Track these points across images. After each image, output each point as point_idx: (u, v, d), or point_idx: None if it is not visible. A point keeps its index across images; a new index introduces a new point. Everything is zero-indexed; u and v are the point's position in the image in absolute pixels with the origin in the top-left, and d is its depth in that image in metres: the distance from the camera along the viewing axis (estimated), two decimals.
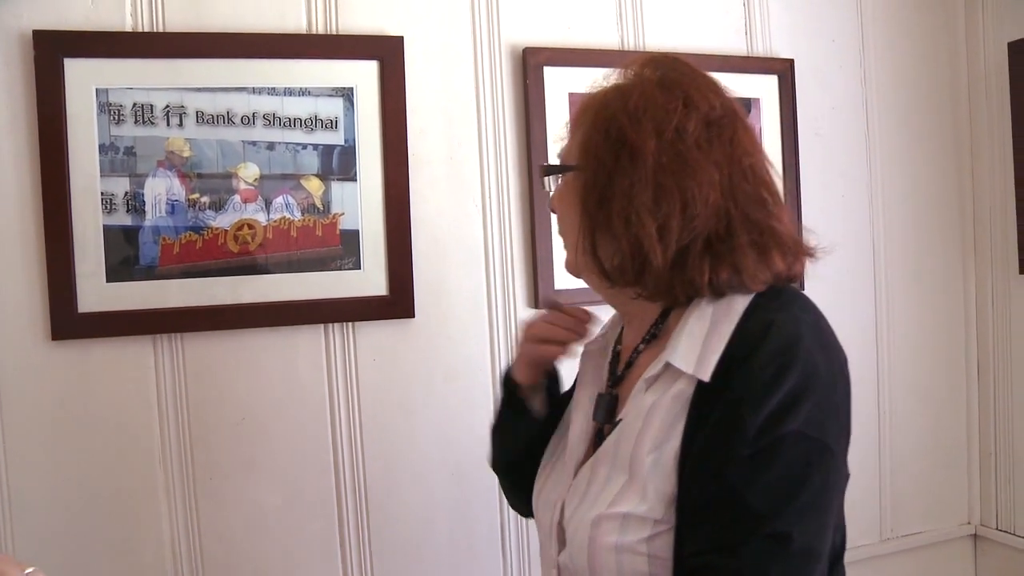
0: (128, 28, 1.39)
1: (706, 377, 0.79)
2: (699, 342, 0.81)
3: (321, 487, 1.52)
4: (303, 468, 1.51)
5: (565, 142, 0.95)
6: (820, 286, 1.85)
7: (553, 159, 1.47)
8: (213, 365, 1.46)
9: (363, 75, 1.50)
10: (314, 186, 1.49)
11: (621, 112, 0.84)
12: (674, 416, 0.81)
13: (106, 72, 1.37)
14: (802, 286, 1.81)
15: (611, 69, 0.92)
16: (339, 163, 1.50)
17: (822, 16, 1.88)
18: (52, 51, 1.34)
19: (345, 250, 1.50)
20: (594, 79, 0.93)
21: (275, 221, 1.46)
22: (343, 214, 1.50)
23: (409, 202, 1.53)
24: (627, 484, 0.82)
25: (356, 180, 1.51)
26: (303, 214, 1.48)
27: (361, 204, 1.51)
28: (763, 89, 1.80)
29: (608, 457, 0.86)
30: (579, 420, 0.94)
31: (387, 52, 1.51)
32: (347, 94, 1.49)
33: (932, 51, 1.99)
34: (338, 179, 1.50)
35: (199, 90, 1.42)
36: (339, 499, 1.53)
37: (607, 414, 0.91)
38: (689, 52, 1.72)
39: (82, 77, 1.36)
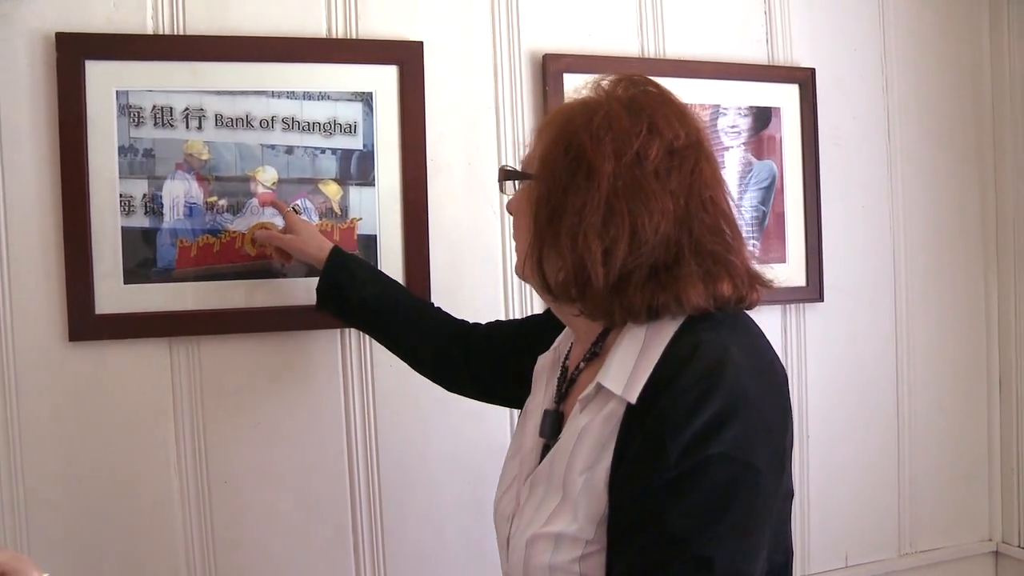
0: (149, 31, 1.40)
1: (633, 400, 0.78)
2: (630, 364, 0.81)
3: (335, 492, 1.51)
4: (317, 473, 1.50)
5: (529, 149, 0.94)
6: (840, 297, 1.86)
7: None
8: (229, 369, 1.45)
9: (382, 80, 1.50)
10: (332, 190, 1.48)
11: (584, 129, 0.84)
12: (606, 437, 0.81)
13: (127, 74, 1.38)
14: (821, 298, 1.81)
15: (585, 81, 0.91)
16: (357, 168, 1.49)
17: (844, 25, 1.87)
18: (74, 53, 1.34)
19: (363, 255, 1.49)
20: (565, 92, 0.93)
21: None
22: (361, 219, 1.50)
23: (427, 207, 1.53)
24: (560, 504, 0.82)
25: (374, 185, 1.50)
26: (321, 218, 1.47)
27: (379, 209, 1.50)
28: (784, 98, 1.78)
29: (544, 476, 0.87)
30: (530, 435, 0.95)
31: (407, 57, 1.51)
32: (366, 99, 1.49)
33: (955, 60, 1.97)
34: (356, 184, 1.49)
35: (218, 93, 1.42)
36: (353, 505, 1.52)
37: (552, 430, 0.91)
38: (710, 60, 1.72)
39: (103, 79, 1.36)
